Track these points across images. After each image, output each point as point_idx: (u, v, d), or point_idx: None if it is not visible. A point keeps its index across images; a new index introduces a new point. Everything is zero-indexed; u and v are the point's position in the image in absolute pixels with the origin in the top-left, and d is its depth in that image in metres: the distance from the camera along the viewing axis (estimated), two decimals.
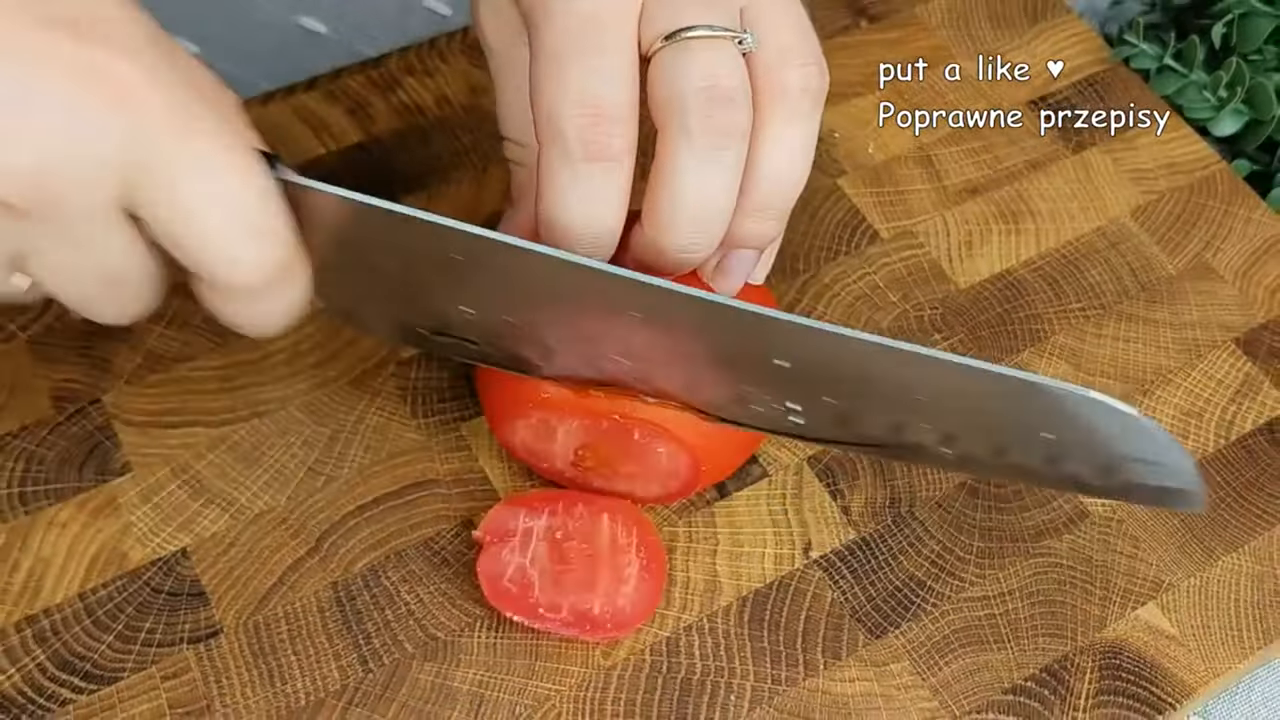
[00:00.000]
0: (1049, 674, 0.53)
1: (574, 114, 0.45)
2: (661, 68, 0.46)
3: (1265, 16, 0.69)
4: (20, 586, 0.51)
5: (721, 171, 0.46)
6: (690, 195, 0.46)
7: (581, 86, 0.45)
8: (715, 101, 0.45)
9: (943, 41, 0.70)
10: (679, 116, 0.45)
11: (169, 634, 0.51)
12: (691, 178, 0.45)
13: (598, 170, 0.45)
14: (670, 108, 0.45)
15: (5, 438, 0.54)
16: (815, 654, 0.52)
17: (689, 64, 0.45)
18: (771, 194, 0.48)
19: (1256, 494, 0.57)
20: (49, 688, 0.50)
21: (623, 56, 0.46)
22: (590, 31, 0.45)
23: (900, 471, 0.57)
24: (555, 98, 0.45)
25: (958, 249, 0.63)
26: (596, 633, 0.51)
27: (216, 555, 0.53)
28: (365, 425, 0.56)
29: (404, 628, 0.52)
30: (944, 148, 0.66)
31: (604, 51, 0.45)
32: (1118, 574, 0.55)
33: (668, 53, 0.45)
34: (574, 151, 0.45)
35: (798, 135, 0.48)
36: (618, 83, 0.45)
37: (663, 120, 0.46)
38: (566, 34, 0.45)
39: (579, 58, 0.45)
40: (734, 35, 0.46)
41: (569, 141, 0.45)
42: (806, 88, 0.48)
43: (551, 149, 0.45)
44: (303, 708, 0.50)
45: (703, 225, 0.46)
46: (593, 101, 0.45)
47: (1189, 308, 0.62)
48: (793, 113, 0.48)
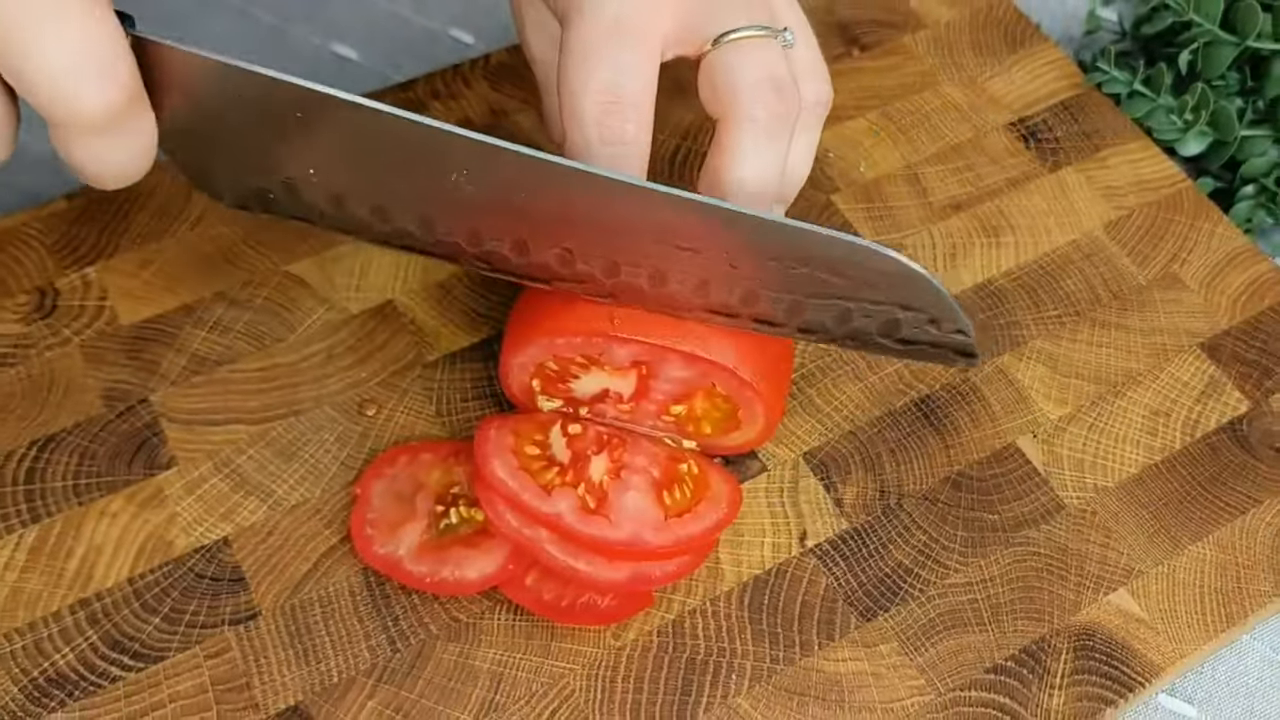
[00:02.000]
0: (1027, 654, 0.53)
1: (594, 101, 0.46)
2: (717, 65, 0.48)
3: (1228, 45, 0.69)
4: (74, 572, 0.52)
5: (779, 151, 0.48)
6: (752, 174, 0.47)
7: (602, 77, 0.46)
8: (777, 89, 0.47)
9: (929, 68, 0.70)
10: (744, 106, 0.47)
11: (211, 616, 0.51)
12: (755, 159, 0.47)
13: (613, 153, 0.46)
14: (732, 99, 0.47)
15: (60, 434, 0.55)
16: (810, 635, 0.52)
17: (745, 60, 0.47)
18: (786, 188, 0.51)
19: (1220, 488, 0.57)
20: (100, 665, 0.50)
21: (643, 54, 0.47)
22: (615, 30, 0.46)
23: (890, 467, 0.56)
24: (578, 86, 0.46)
25: (943, 260, 0.63)
26: None
27: (255, 543, 0.53)
28: (393, 423, 0.56)
29: (429, 611, 0.52)
30: (929, 166, 0.66)
31: (626, 48, 0.47)
32: (1091, 562, 0.55)
33: (721, 52, 0.48)
34: (591, 134, 0.46)
35: (809, 140, 0.51)
36: (636, 76, 0.47)
37: (724, 110, 0.48)
38: (595, 31, 0.47)
39: (603, 52, 0.46)
40: (776, 34, 0.48)
41: (587, 126, 0.46)
42: (819, 100, 0.51)
43: (572, 132, 0.47)
44: (335, 685, 0.50)
45: (761, 201, 0.48)
46: (612, 90, 0.46)
47: (1157, 315, 0.62)
48: (806, 121, 0.50)
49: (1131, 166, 0.67)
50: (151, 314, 0.58)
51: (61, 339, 0.57)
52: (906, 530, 0.55)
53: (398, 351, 0.58)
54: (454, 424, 0.56)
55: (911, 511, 0.56)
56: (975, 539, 0.55)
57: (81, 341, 0.57)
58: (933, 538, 0.55)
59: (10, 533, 0.52)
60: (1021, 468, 0.57)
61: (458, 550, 0.51)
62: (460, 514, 0.52)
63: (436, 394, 0.57)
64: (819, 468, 0.56)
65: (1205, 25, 0.69)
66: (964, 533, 0.55)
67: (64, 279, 0.59)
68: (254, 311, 0.58)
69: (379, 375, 0.57)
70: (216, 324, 0.58)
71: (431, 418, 0.56)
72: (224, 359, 0.57)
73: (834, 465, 0.57)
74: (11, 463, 0.54)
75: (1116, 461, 0.58)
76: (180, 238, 0.60)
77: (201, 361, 0.57)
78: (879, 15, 0.71)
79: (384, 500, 0.53)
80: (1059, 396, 0.59)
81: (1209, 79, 0.70)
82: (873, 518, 0.55)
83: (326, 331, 0.58)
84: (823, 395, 0.58)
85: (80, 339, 0.57)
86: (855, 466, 0.57)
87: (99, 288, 0.58)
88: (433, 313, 0.59)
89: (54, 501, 0.53)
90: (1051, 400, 0.59)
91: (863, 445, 0.57)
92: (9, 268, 0.59)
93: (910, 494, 0.56)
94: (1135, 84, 0.69)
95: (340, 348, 0.58)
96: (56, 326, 0.57)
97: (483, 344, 0.58)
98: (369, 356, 0.58)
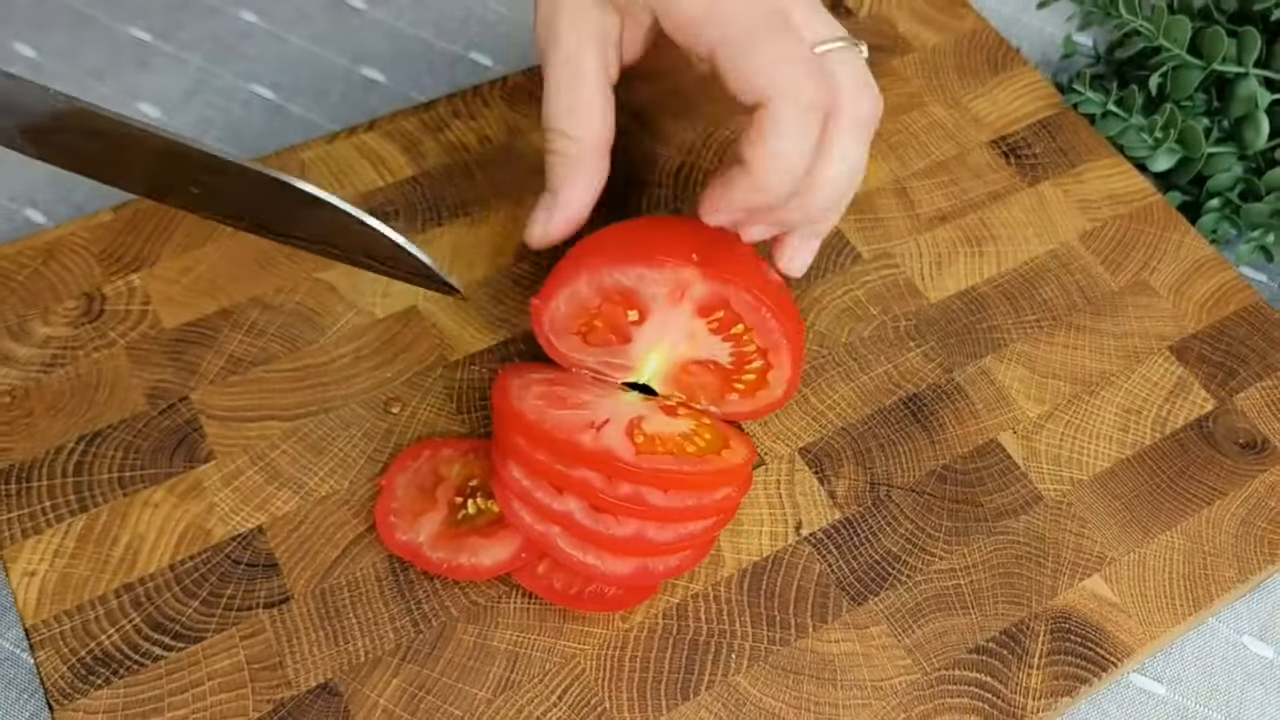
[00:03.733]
0: (1007, 636, 0.53)
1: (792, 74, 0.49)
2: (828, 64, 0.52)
3: (1195, 68, 0.69)
4: (119, 558, 0.52)
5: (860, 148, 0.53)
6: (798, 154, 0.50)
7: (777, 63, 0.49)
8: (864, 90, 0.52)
9: (916, 89, 0.70)
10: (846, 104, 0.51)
11: (247, 599, 0.51)
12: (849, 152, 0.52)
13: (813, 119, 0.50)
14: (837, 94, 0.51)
15: (106, 430, 0.55)
16: (805, 618, 0.52)
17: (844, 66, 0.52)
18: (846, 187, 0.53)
19: (1187, 481, 0.57)
20: (143, 645, 0.50)
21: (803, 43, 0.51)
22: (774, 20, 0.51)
23: (879, 461, 0.57)
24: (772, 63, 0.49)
25: (929, 268, 0.63)
26: None
27: (288, 531, 0.53)
28: (417, 420, 0.56)
29: (449, 595, 0.52)
30: (917, 181, 0.66)
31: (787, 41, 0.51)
32: (1067, 549, 0.55)
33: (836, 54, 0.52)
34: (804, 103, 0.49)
35: (864, 149, 0.53)
36: None
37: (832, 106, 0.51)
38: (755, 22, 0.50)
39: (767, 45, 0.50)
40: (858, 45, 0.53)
41: (802, 94, 0.49)
42: (874, 115, 0.53)
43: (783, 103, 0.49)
44: (362, 663, 0.50)
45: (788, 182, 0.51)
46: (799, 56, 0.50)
47: (1129, 319, 0.62)
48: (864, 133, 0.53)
49: (1105, 181, 0.67)
50: (191, 318, 0.58)
51: (108, 341, 0.57)
52: (895, 520, 0.55)
53: (421, 353, 0.58)
54: (473, 421, 0.56)
55: (900, 503, 0.56)
56: (959, 528, 0.55)
57: (127, 344, 0.57)
58: (919, 527, 0.55)
59: (60, 521, 0.52)
60: (1002, 462, 0.57)
61: (474, 539, 0.51)
62: (477, 505, 0.52)
63: (457, 393, 0.57)
64: (813, 462, 0.56)
65: (1174, 50, 0.69)
66: (948, 522, 0.55)
67: (110, 285, 0.59)
68: (287, 315, 0.59)
69: (403, 375, 0.58)
70: (252, 327, 0.58)
71: (452, 415, 0.57)
72: (259, 360, 0.57)
73: (827, 460, 0.57)
74: (61, 456, 0.54)
75: (1091, 456, 0.58)
76: (218, 247, 0.60)
77: (238, 362, 0.57)
78: (870, 39, 0.71)
79: (407, 492, 0.53)
80: (1037, 395, 0.59)
81: (1177, 100, 0.70)
82: (863, 508, 0.55)
83: (354, 334, 0.58)
84: (817, 395, 0.58)
85: (125, 341, 0.57)
86: (847, 461, 0.57)
87: (143, 293, 0.59)
88: (454, 317, 0.59)
89: (101, 492, 0.53)
90: (1030, 399, 0.59)
91: (854, 441, 0.57)
92: (60, 275, 0.59)
93: (898, 486, 0.56)
94: (1109, 104, 0.69)
95: (367, 349, 0.58)
96: (103, 330, 0.57)
97: (500, 346, 0.59)
98: (394, 358, 0.58)
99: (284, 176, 0.47)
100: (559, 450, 0.49)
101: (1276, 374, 0.61)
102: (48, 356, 0.57)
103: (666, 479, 0.49)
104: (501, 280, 0.61)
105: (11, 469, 0.53)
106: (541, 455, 0.49)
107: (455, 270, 0.61)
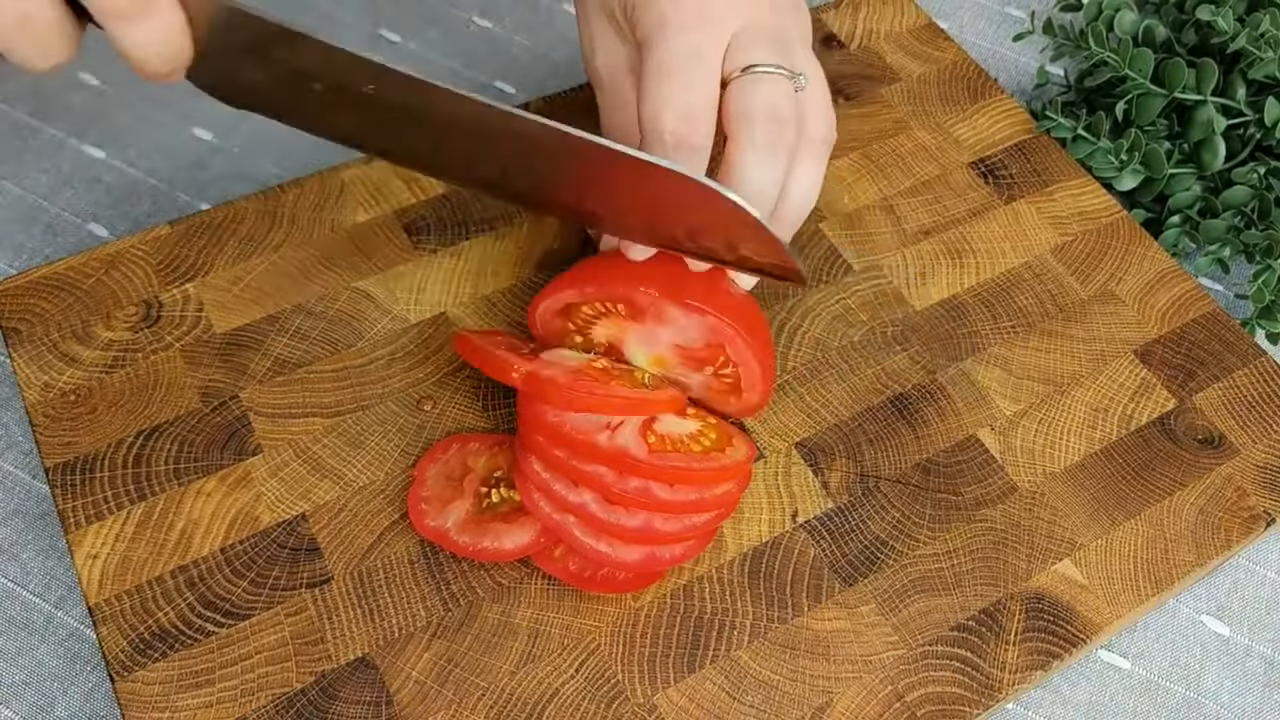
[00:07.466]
0: (986, 615, 0.52)
1: (672, 114, 0.47)
2: (738, 91, 0.48)
3: (1157, 96, 0.69)
4: (175, 542, 0.52)
5: (773, 169, 0.48)
6: (750, 185, 0.48)
7: (681, 95, 0.47)
8: (778, 120, 0.48)
9: (903, 115, 0.70)
10: (748, 128, 0.48)
11: (291, 580, 0.51)
12: (752, 172, 0.48)
13: (685, 157, 0.47)
14: (741, 121, 0.48)
15: (163, 425, 0.55)
16: (801, 598, 0.52)
17: (758, 91, 0.48)
18: (794, 211, 0.51)
19: (1150, 474, 0.57)
20: (196, 622, 0.50)
21: (711, 76, 0.48)
22: (693, 57, 0.48)
23: (869, 454, 0.56)
24: (658, 102, 0.47)
25: (914, 279, 0.63)
26: None
27: (329, 518, 0.53)
28: (446, 417, 0.56)
29: (476, 576, 0.52)
30: (903, 199, 0.66)
31: (699, 72, 0.48)
32: (1040, 536, 0.55)
33: (744, 80, 0.48)
34: (668, 141, 0.47)
35: (813, 171, 0.51)
36: (706, 94, 0.48)
37: (734, 130, 0.48)
38: (675, 57, 0.48)
39: (681, 75, 0.47)
40: (791, 75, 0.49)
41: (665, 135, 0.47)
42: (823, 138, 0.51)
43: (651, 140, 0.48)
44: (396, 639, 0.50)
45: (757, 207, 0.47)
46: (685, 106, 0.47)
47: (1097, 325, 0.62)
48: (811, 154, 0.51)
49: (1075, 199, 0.67)
50: (241, 323, 0.58)
51: (164, 344, 0.57)
52: (883, 509, 0.55)
53: (450, 355, 0.58)
54: (498, 418, 0.56)
55: (887, 493, 0.55)
56: (941, 516, 0.55)
57: (181, 347, 0.57)
58: (905, 515, 0.55)
59: (120, 509, 0.52)
60: (981, 455, 0.57)
61: (497, 525, 0.51)
62: (501, 494, 0.52)
63: (483, 392, 0.57)
64: (808, 455, 0.56)
65: (1138, 80, 0.69)
66: (932, 511, 0.55)
67: (167, 293, 0.59)
68: (328, 321, 0.58)
69: (434, 375, 0.57)
70: (296, 332, 0.58)
71: (479, 412, 0.56)
72: (303, 361, 0.57)
73: (821, 453, 0.56)
74: (121, 450, 0.54)
75: (1062, 451, 0.57)
76: (265, 259, 0.60)
77: (283, 364, 0.57)
78: (861, 70, 0.71)
79: (437, 482, 0.53)
80: (1013, 395, 0.59)
81: (1141, 125, 0.69)
82: (854, 498, 0.55)
83: (390, 338, 0.58)
84: (812, 394, 0.58)
85: (180, 345, 0.57)
86: (839, 454, 0.56)
87: (196, 301, 0.58)
88: (480, 322, 0.59)
89: (157, 483, 0.53)
90: (1007, 398, 0.59)
91: (846, 436, 0.57)
92: (120, 284, 0.59)
93: (886, 478, 0.56)
94: (1079, 129, 0.69)
95: (401, 352, 0.58)
96: (160, 334, 0.57)
97: None
98: (426, 359, 0.58)
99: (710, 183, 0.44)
100: (577, 449, 0.49)
101: (1232, 376, 0.60)
102: (109, 358, 0.56)
103: (676, 475, 0.49)
104: (523, 289, 0.60)
105: (76, 461, 0.53)
106: (560, 453, 0.49)
107: (482, 279, 0.60)
